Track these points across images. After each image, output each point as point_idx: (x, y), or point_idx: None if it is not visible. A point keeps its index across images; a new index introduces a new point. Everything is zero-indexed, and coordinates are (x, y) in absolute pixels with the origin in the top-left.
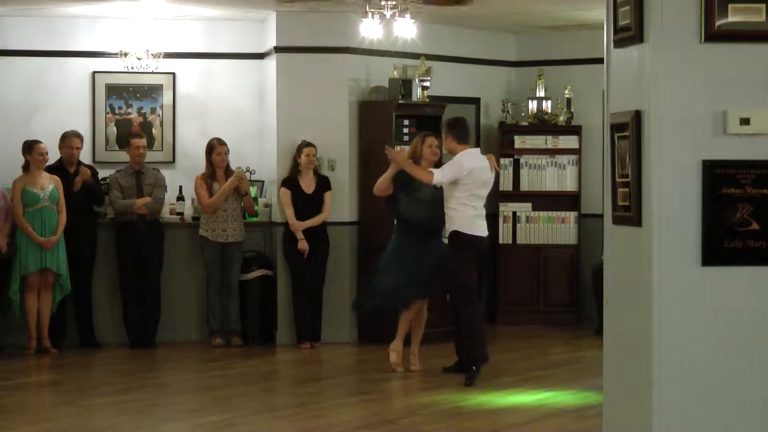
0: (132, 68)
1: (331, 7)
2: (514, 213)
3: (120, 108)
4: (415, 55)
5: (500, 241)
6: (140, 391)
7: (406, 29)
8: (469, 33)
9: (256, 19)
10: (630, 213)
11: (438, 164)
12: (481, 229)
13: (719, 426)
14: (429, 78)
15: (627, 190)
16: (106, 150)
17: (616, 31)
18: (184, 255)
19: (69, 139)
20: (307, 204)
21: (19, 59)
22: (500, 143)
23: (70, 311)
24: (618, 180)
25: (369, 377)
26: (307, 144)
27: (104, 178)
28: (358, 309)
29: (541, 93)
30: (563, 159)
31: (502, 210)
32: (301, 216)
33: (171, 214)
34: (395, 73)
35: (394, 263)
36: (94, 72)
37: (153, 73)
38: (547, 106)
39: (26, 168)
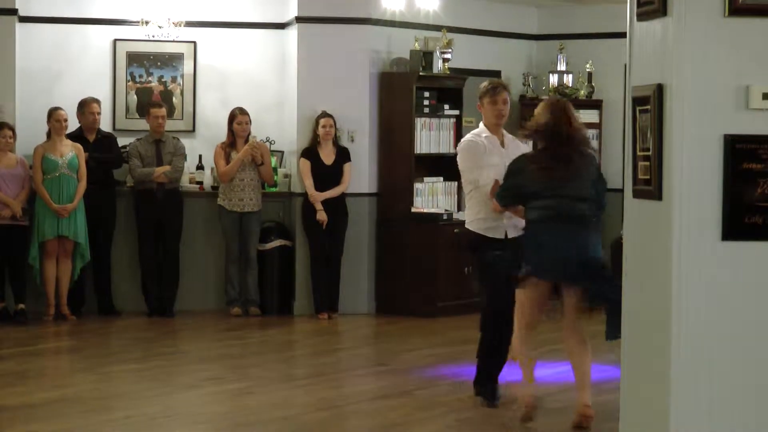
0: (153, 36)
1: None
2: None
3: (141, 76)
4: (436, 27)
5: None
6: (158, 358)
7: (428, 0)
8: (492, 5)
9: None
10: (650, 187)
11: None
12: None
13: (738, 399)
14: (450, 50)
15: (648, 163)
16: (126, 118)
17: (639, 5)
18: (202, 224)
19: (89, 105)
20: (327, 175)
21: (40, 26)
22: (521, 116)
23: (89, 279)
24: (639, 154)
25: (386, 348)
26: (324, 115)
27: (124, 146)
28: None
29: (562, 67)
30: None
31: None
32: (320, 187)
33: (190, 183)
34: (416, 44)
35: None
36: (116, 40)
37: (174, 41)
38: (568, 80)
39: (49, 135)
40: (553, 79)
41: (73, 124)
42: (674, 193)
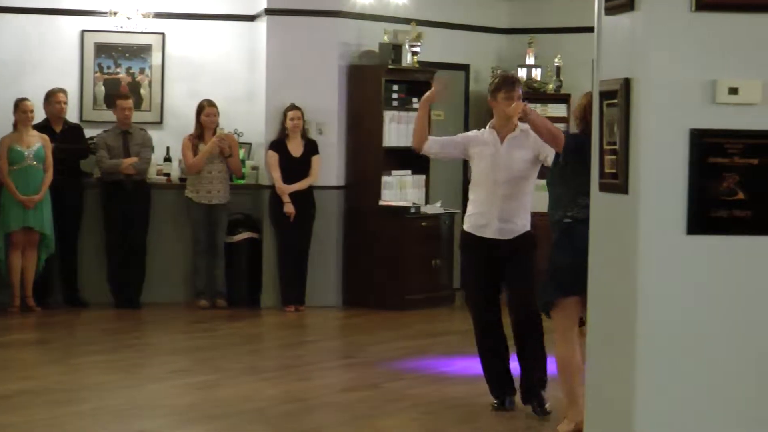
0: (121, 28)
1: None
2: None
3: (109, 67)
4: (406, 20)
5: None
6: (126, 350)
7: None
8: None
9: None
10: (617, 180)
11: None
12: None
13: (703, 395)
14: (419, 43)
15: (614, 157)
16: (93, 109)
17: None
18: (170, 216)
19: (55, 95)
20: (295, 167)
21: (8, 16)
22: (488, 110)
23: (56, 270)
24: (606, 147)
25: (354, 341)
26: (292, 107)
27: (91, 138)
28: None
29: (531, 61)
30: None
31: None
32: (288, 179)
33: (158, 174)
34: (386, 37)
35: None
36: (84, 31)
37: (143, 33)
38: (536, 74)
39: (15, 126)
40: (522, 73)
41: (39, 115)
42: (640, 187)
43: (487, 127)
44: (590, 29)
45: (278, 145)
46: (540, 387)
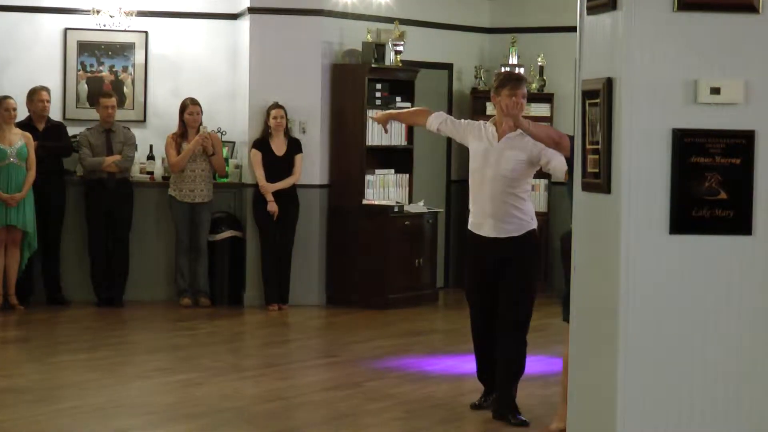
0: (104, 26)
1: None
2: None
3: (92, 65)
4: (389, 19)
5: None
6: (107, 349)
7: None
8: None
9: None
10: (599, 180)
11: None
12: None
13: (685, 394)
14: (402, 42)
15: (597, 157)
16: (76, 107)
17: None
18: (153, 214)
19: (38, 93)
20: (278, 166)
21: None
22: (472, 109)
23: (38, 268)
24: (588, 147)
25: (336, 340)
26: (276, 106)
27: (74, 136)
28: None
29: (514, 60)
30: None
31: None
32: (271, 178)
33: (141, 173)
34: (369, 36)
35: None
36: (66, 29)
37: (125, 31)
38: (519, 73)
39: None
40: None
41: (22, 113)
42: (623, 187)
43: (489, 122)
44: (573, 29)
45: (261, 143)
46: (512, 401)
